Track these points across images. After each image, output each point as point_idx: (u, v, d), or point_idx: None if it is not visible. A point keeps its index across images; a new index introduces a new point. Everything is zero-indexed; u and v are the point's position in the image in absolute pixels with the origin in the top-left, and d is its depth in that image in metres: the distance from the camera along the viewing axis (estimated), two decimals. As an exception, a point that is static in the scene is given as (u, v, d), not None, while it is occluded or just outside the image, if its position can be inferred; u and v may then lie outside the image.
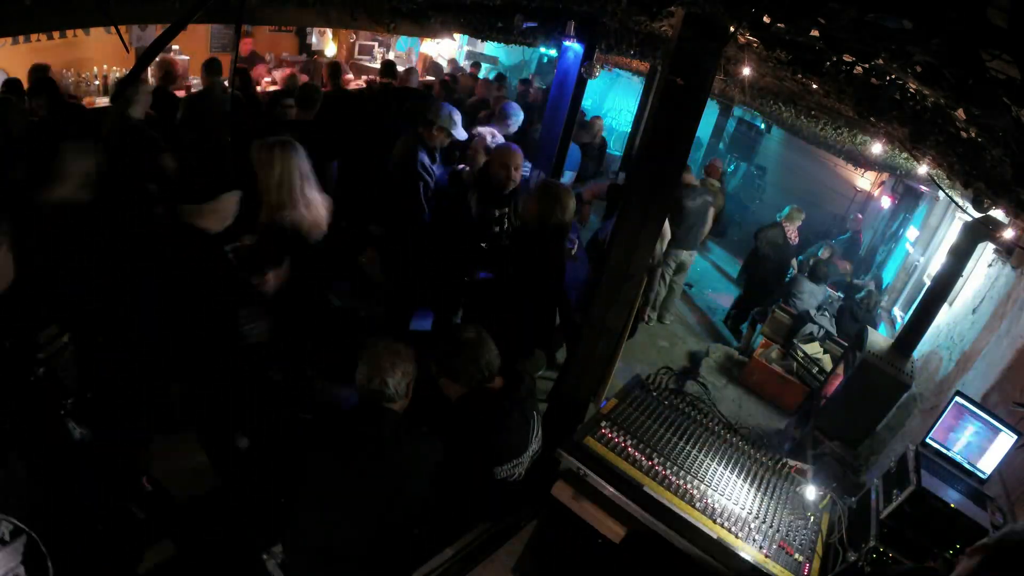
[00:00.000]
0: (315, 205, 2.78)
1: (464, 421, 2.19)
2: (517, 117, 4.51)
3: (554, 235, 3.03)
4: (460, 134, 3.66)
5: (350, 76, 8.15)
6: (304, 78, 6.40)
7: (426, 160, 3.55)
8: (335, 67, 5.89)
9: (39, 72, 4.59)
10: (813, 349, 5.10)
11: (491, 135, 3.99)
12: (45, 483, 1.67)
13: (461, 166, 3.84)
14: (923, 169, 3.21)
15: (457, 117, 3.64)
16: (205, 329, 2.38)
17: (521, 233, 3.06)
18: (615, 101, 13.74)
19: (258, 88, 6.28)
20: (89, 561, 1.77)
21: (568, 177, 5.56)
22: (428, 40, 10.28)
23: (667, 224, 4.45)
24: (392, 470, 1.93)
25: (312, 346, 2.74)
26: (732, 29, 1.91)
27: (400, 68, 6.53)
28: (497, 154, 3.47)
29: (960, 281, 4.22)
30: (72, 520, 1.73)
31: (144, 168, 3.23)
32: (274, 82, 7.00)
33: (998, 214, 3.06)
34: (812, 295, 5.70)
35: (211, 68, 4.98)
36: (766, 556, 2.04)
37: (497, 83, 7.65)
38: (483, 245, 3.43)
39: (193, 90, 5.59)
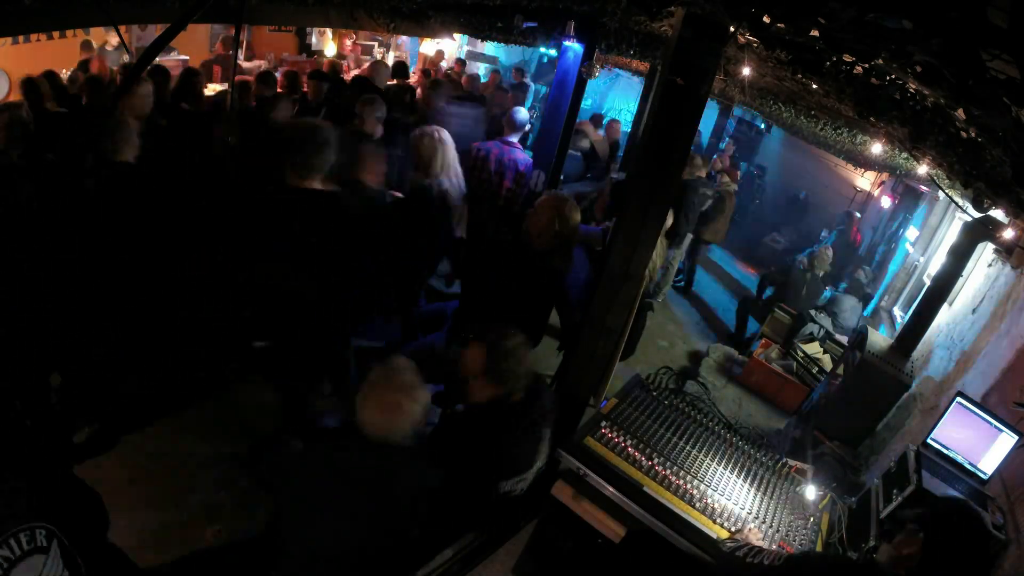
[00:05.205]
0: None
1: (476, 431, 2.13)
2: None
3: (560, 246, 2.92)
4: None
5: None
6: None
7: None
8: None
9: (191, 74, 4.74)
10: (813, 349, 5.10)
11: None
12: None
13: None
14: (923, 169, 3.21)
15: None
16: None
17: (526, 245, 2.96)
18: (615, 101, 13.75)
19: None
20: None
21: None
22: (428, 40, 10.29)
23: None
24: (391, 501, 1.84)
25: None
26: (732, 29, 1.91)
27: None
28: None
29: (960, 281, 4.22)
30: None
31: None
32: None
33: (998, 214, 3.07)
34: (854, 311, 5.79)
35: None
36: (766, 556, 2.04)
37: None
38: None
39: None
